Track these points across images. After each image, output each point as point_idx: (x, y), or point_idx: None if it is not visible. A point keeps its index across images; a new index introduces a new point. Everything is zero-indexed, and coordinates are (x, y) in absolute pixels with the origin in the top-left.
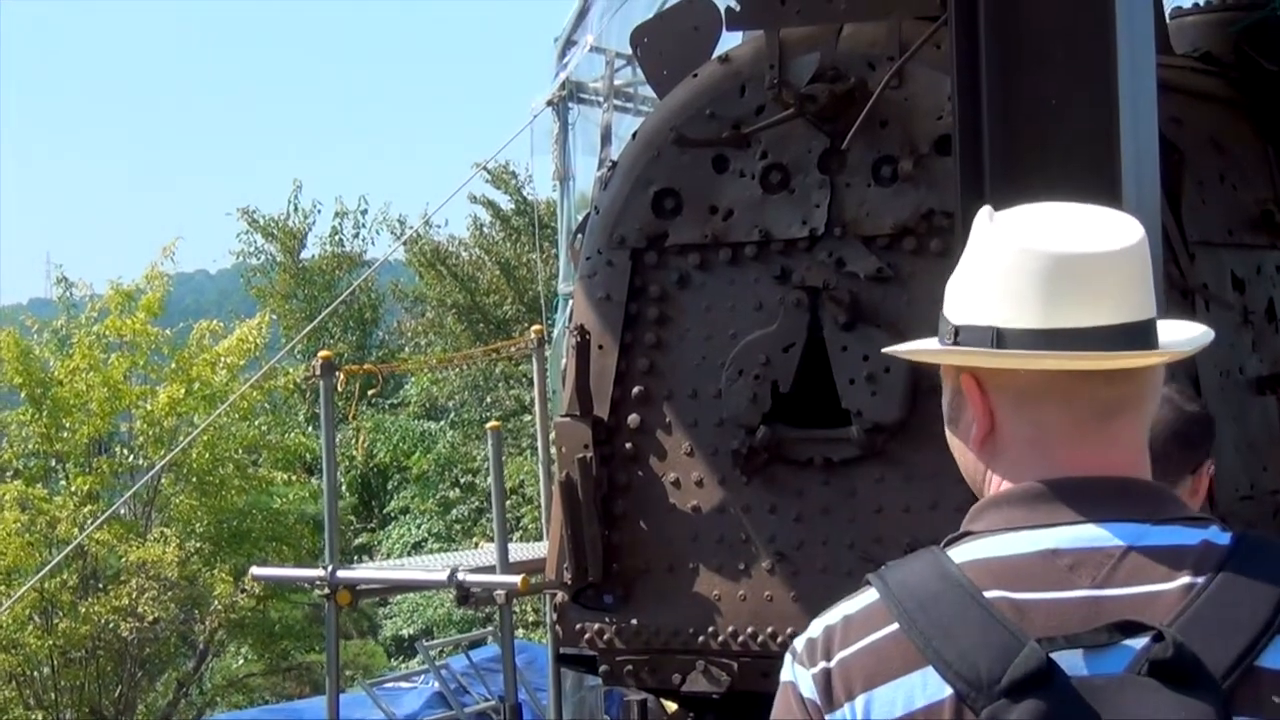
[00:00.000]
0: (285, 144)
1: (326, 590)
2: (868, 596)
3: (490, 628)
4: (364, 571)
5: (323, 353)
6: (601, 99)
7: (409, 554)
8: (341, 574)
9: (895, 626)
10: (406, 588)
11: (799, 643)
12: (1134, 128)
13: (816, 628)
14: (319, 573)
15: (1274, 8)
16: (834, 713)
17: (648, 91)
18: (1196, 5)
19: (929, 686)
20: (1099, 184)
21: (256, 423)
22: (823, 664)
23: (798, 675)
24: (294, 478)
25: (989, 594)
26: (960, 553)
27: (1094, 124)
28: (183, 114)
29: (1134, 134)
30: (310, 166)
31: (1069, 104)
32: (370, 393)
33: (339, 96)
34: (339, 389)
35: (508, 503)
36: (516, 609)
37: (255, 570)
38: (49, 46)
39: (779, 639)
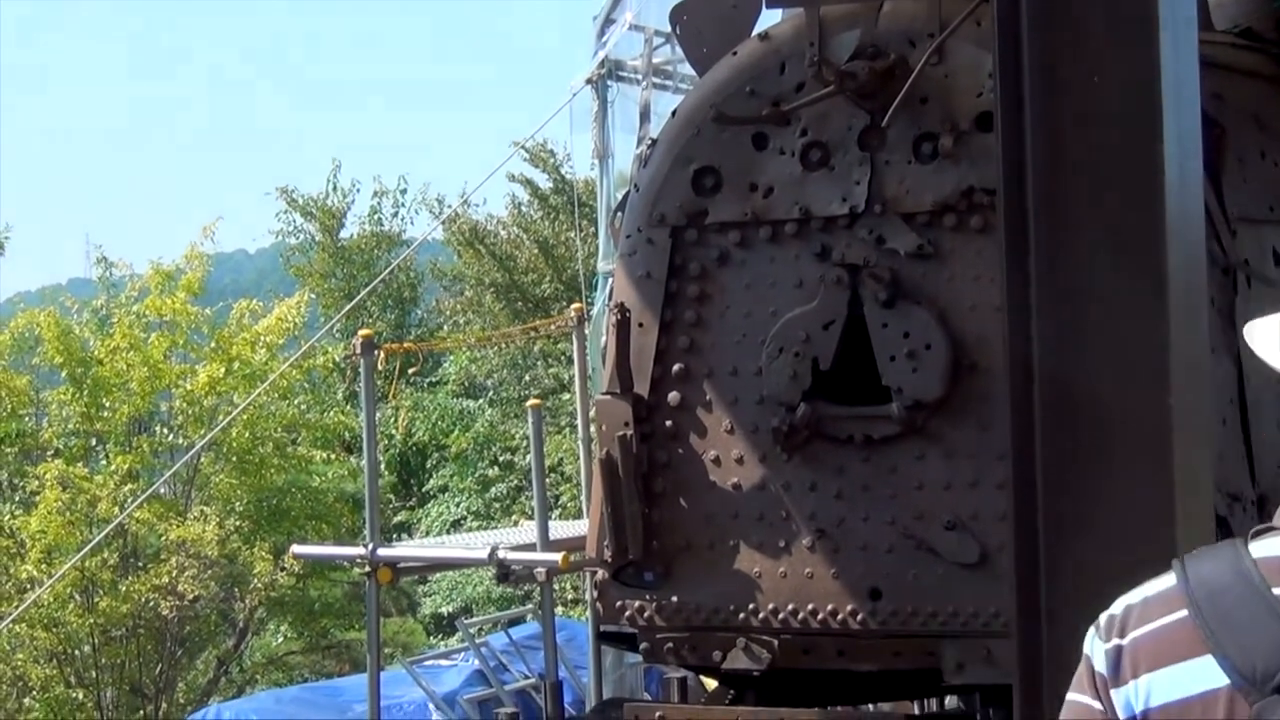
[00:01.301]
0: (325, 123)
1: (367, 568)
2: (1167, 580)
3: (529, 605)
4: (404, 549)
5: (363, 331)
6: (640, 77)
7: (448, 532)
8: (382, 552)
9: (1185, 613)
10: (447, 565)
11: (1103, 617)
12: (1176, 104)
13: (1120, 605)
14: (360, 551)
15: None
16: (1119, 689)
17: (687, 69)
18: None
19: (1208, 675)
20: (1141, 161)
21: (295, 401)
22: (1116, 640)
23: (1094, 649)
24: (333, 456)
25: (1277, 590)
26: (1260, 547)
27: (1136, 101)
28: (223, 93)
29: (1176, 110)
30: (349, 146)
31: (1111, 80)
32: (410, 371)
33: (378, 76)
34: (379, 367)
35: (548, 481)
36: (556, 587)
37: (296, 548)
38: (89, 28)
39: (819, 616)
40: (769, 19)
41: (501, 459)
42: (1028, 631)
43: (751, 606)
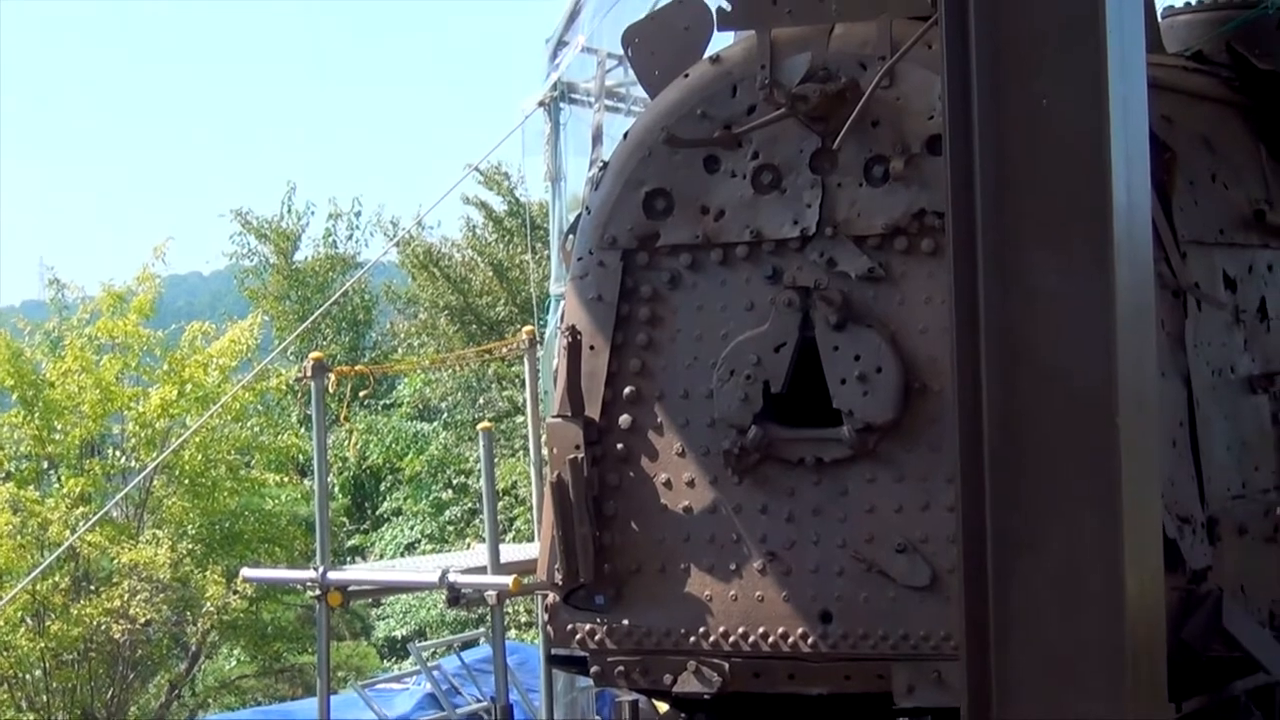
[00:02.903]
0: (279, 146)
1: (318, 591)
2: None
3: (482, 629)
4: (355, 573)
5: (314, 354)
6: (593, 99)
7: (401, 555)
8: (333, 575)
9: None
10: (398, 589)
11: None
12: (1125, 127)
13: None
14: (310, 574)
15: (1265, 7)
16: None
17: (639, 92)
18: (1188, 4)
19: None
20: (1090, 183)
21: (249, 424)
22: None
23: None
24: (286, 479)
25: None
26: None
27: (1085, 123)
28: (176, 115)
29: (1125, 134)
30: (304, 168)
31: (1060, 103)
32: (362, 394)
33: (332, 98)
34: (331, 390)
35: (500, 504)
36: (508, 610)
37: (246, 572)
38: (42, 48)
39: (770, 639)
40: (721, 41)
41: (455, 482)
42: (976, 654)
43: (702, 630)
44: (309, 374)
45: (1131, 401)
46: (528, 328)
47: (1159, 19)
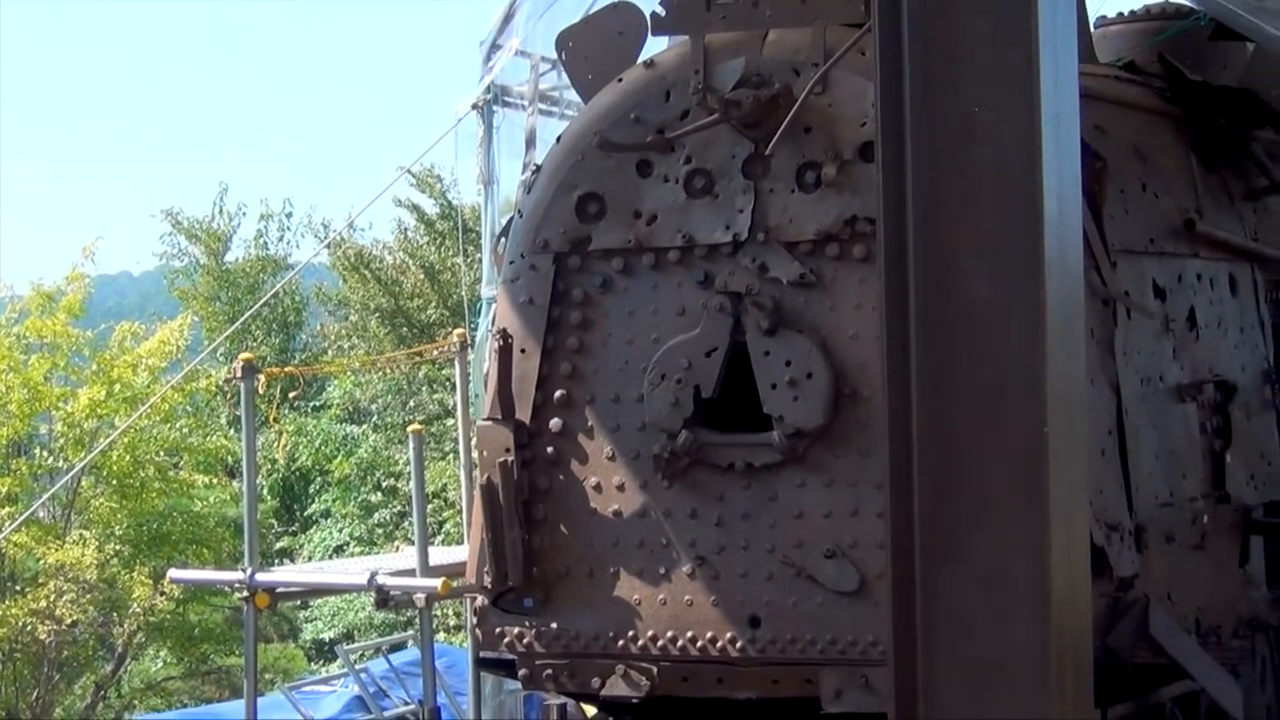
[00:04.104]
0: (210, 146)
1: (245, 593)
2: None
3: (411, 631)
4: (283, 574)
5: (244, 355)
6: (526, 103)
7: (330, 557)
8: (260, 577)
9: None
10: (325, 591)
11: None
12: (1056, 136)
13: None
14: (238, 575)
15: (1197, 18)
16: None
17: (573, 96)
18: (1121, 15)
19: None
20: (1021, 192)
21: (178, 425)
22: None
23: None
24: (215, 481)
25: None
26: None
27: (1016, 132)
28: (105, 113)
29: (1056, 142)
30: (236, 169)
31: (991, 112)
32: (291, 395)
33: (265, 99)
34: (260, 391)
35: (430, 507)
36: (438, 613)
37: (174, 573)
38: None
39: (699, 643)
40: (655, 46)
41: (385, 485)
42: (903, 660)
43: (631, 633)
44: (238, 375)
45: (1060, 409)
46: (459, 330)
47: (1091, 29)
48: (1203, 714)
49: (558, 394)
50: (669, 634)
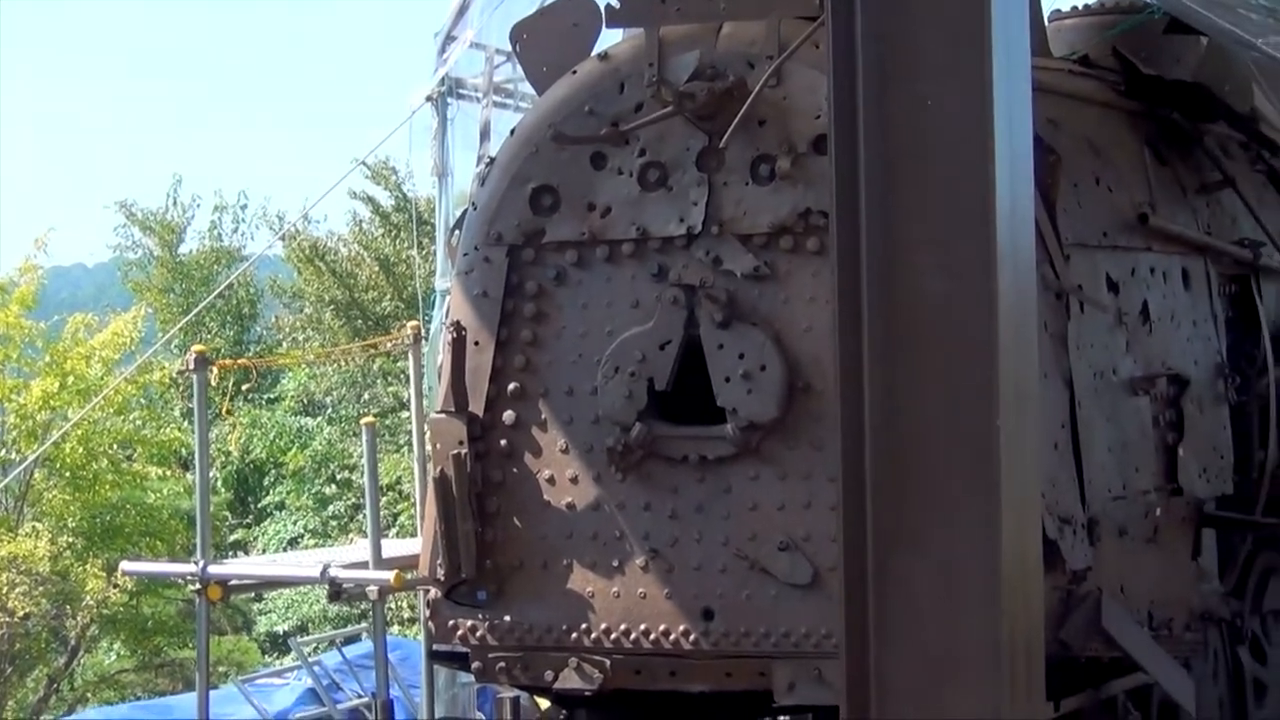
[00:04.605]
0: (165, 138)
1: (197, 585)
2: None
3: (365, 624)
4: (236, 567)
5: (196, 347)
6: (481, 95)
7: (284, 550)
8: (212, 569)
9: None
10: (278, 583)
11: None
12: (1009, 130)
13: None
14: (190, 568)
15: (1151, 11)
16: None
17: (527, 88)
18: (1075, 8)
19: None
20: (973, 185)
21: (131, 417)
22: None
23: None
24: (168, 473)
25: None
26: None
27: (969, 125)
28: (60, 104)
29: (1009, 136)
30: (190, 161)
31: (944, 105)
32: (245, 388)
33: (220, 91)
34: (213, 384)
35: (385, 499)
36: (392, 605)
37: (125, 565)
38: None
39: (652, 636)
40: (609, 39)
41: (339, 477)
42: (855, 652)
43: (584, 626)
44: (191, 367)
45: (1012, 403)
46: (412, 323)
47: (1046, 23)
48: (1155, 707)
49: (511, 386)
50: (622, 627)
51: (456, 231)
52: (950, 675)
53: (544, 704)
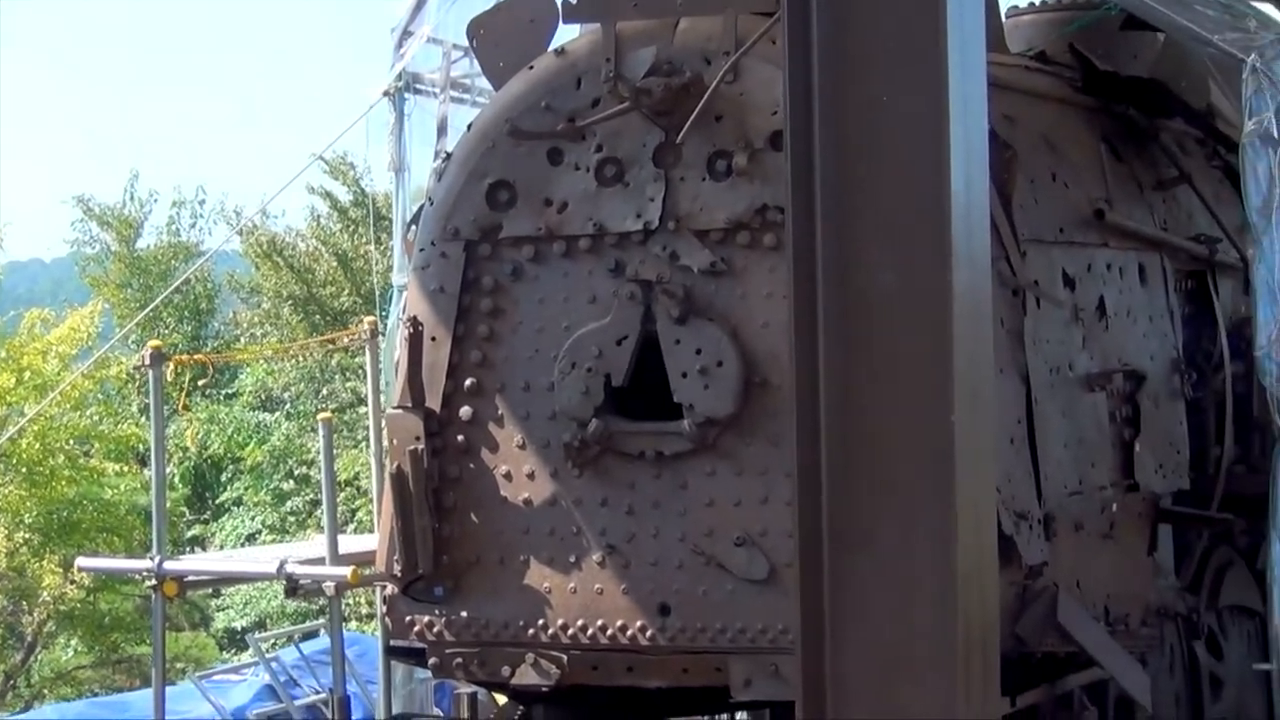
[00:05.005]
0: (122, 132)
1: (153, 581)
2: None
3: (323, 620)
4: (192, 563)
5: (152, 342)
6: (438, 90)
7: (242, 545)
8: (169, 565)
9: None
10: (235, 579)
11: None
12: (964, 125)
13: None
14: (146, 564)
15: (1108, 8)
16: None
17: (485, 83)
18: (1032, 5)
19: None
20: (928, 181)
21: (88, 413)
22: None
23: None
24: (126, 469)
25: None
26: None
27: (924, 121)
28: (17, 98)
29: (964, 132)
30: (148, 155)
31: (900, 101)
32: (201, 383)
33: (178, 85)
34: (169, 379)
35: (344, 495)
36: (351, 601)
37: (81, 561)
38: None
39: (609, 632)
40: (566, 34)
41: (297, 472)
42: (811, 648)
43: (541, 622)
44: (147, 362)
45: (967, 399)
46: (370, 318)
47: (1003, 19)
48: (1111, 702)
49: (468, 382)
50: (579, 622)
51: (413, 227)
52: (906, 671)
53: (501, 699)
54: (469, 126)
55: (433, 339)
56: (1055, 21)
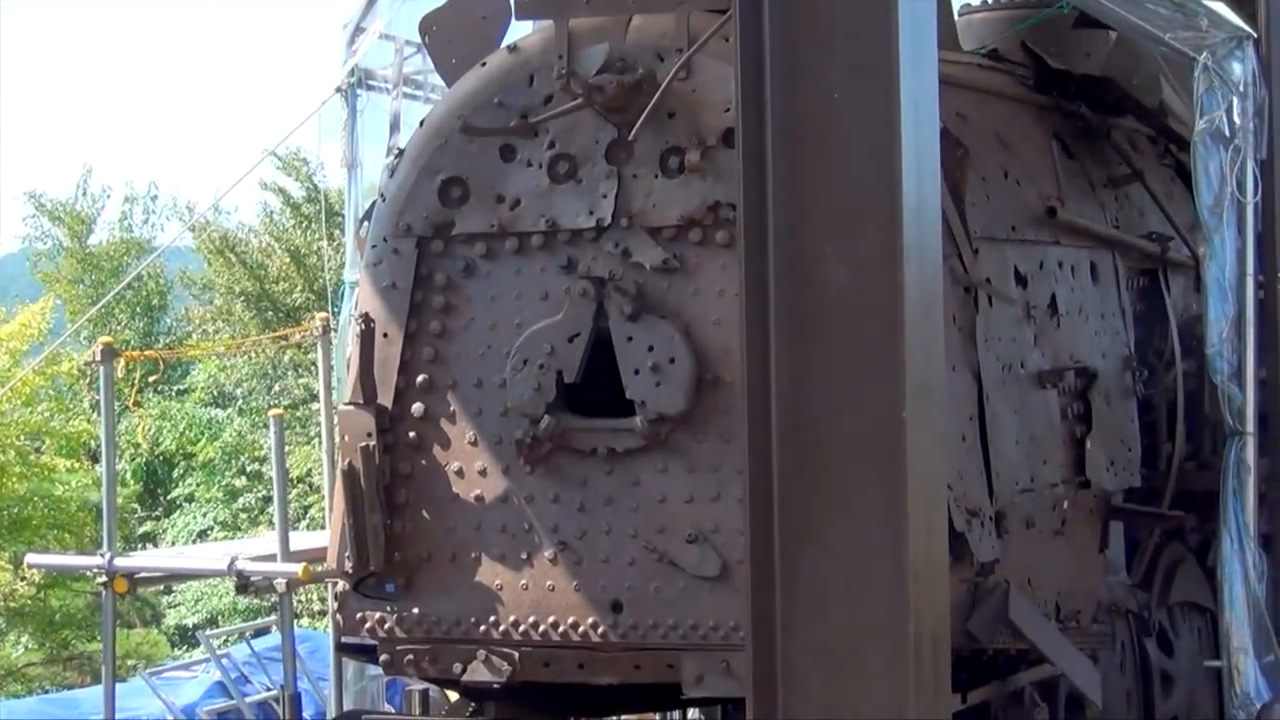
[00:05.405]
0: (74, 128)
1: (104, 578)
2: None
3: (274, 617)
4: (143, 559)
5: (103, 338)
6: (391, 86)
7: (194, 542)
8: (119, 562)
9: None
10: (185, 576)
11: None
12: (915, 123)
13: None
14: (96, 560)
15: (1060, 6)
16: None
17: (437, 80)
18: (985, 3)
19: None
20: (880, 179)
21: (39, 409)
22: None
23: None
24: (77, 465)
25: None
26: None
27: (875, 119)
28: None
29: (915, 130)
30: (100, 151)
31: (851, 98)
32: (152, 379)
33: (131, 81)
34: (121, 375)
35: (297, 491)
36: (303, 598)
37: (31, 557)
38: None
39: (560, 629)
40: (519, 31)
41: (249, 469)
42: (761, 645)
43: (493, 619)
44: (98, 358)
45: (919, 395)
46: (322, 314)
47: (955, 17)
48: (1062, 698)
49: (420, 378)
50: (531, 619)
51: (365, 223)
52: (857, 667)
53: (453, 696)
54: (421, 123)
55: (385, 335)
56: (1008, 19)
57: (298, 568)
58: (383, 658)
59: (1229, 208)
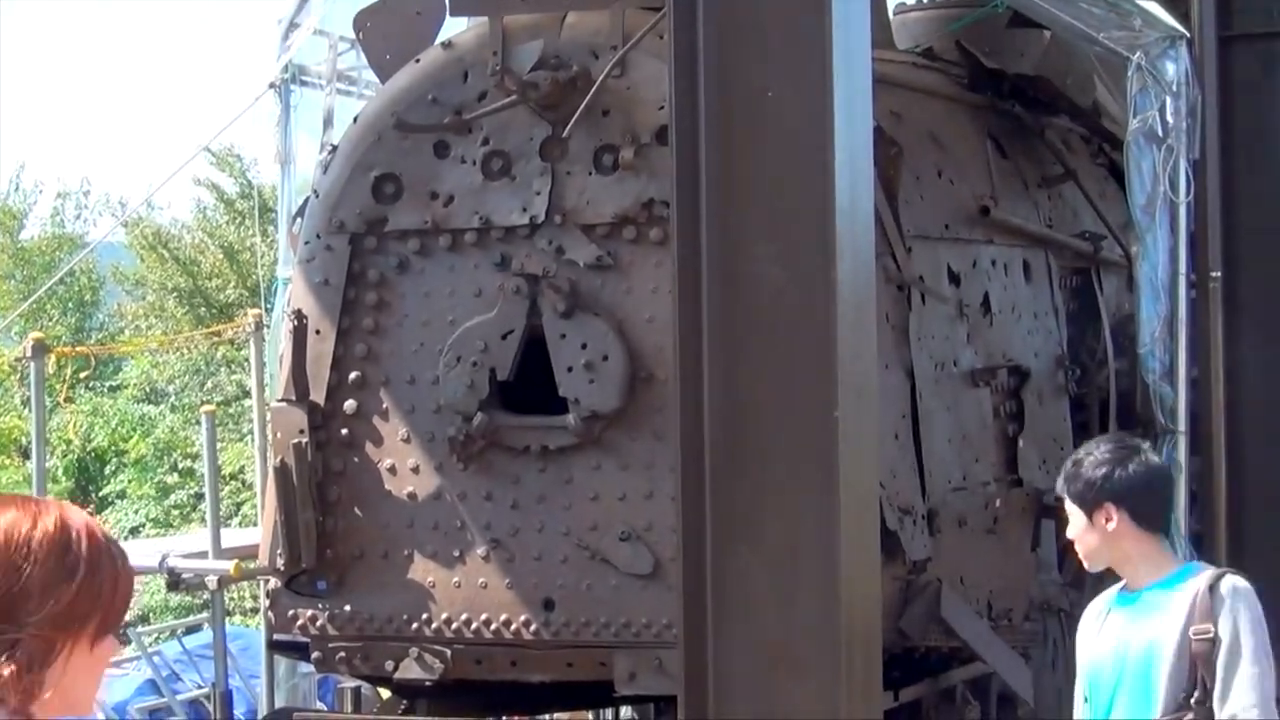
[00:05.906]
0: (6, 124)
1: None
2: None
3: (205, 614)
4: None
5: (34, 334)
6: (324, 82)
7: (125, 539)
8: None
9: None
10: None
11: None
12: (848, 122)
13: None
14: None
15: (994, 5)
16: None
17: (371, 76)
18: (920, 2)
19: None
20: (813, 177)
21: None
22: None
23: None
24: (9, 462)
25: None
26: None
27: (808, 117)
28: None
29: (848, 128)
30: (32, 146)
31: (784, 96)
32: (84, 375)
33: (63, 76)
34: (52, 371)
35: (229, 488)
36: (234, 595)
37: None
38: None
39: (493, 626)
40: (453, 27)
41: (182, 466)
42: (693, 642)
43: (425, 616)
44: (29, 354)
45: (851, 393)
46: (255, 311)
47: (890, 16)
48: (993, 696)
49: (352, 375)
50: (463, 616)
51: (299, 219)
52: (788, 664)
53: (385, 694)
54: (355, 119)
55: (317, 332)
56: (942, 18)
57: (229, 565)
58: (315, 655)
59: (1161, 207)
